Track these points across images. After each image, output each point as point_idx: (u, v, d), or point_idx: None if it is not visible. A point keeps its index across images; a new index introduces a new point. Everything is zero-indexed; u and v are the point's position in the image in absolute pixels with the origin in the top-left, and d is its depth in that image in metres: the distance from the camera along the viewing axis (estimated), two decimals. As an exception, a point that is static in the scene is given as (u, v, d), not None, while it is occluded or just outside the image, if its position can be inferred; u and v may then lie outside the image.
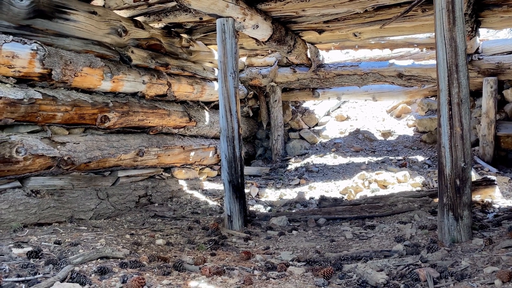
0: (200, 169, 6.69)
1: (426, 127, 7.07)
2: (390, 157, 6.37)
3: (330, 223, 4.39)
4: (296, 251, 3.40)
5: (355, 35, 5.99)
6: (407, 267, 2.74)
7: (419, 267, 2.70)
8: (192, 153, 6.26)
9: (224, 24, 4.28)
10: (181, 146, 5.97)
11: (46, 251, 2.91)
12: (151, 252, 3.23)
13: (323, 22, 5.32)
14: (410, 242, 3.32)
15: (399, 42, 6.59)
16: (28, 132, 4.00)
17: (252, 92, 7.73)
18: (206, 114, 6.57)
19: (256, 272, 2.86)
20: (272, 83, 7.48)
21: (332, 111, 8.56)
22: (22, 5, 3.77)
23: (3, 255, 2.76)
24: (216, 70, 6.81)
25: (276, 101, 7.59)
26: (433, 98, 7.20)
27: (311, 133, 7.67)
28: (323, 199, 4.81)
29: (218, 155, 6.84)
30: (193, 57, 6.31)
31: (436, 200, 4.56)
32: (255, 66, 7.58)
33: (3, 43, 3.60)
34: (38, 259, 2.74)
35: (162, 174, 5.79)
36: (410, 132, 7.36)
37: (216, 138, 6.85)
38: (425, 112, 7.25)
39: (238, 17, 4.39)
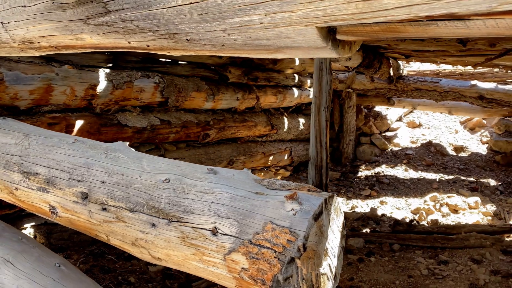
0: (275, 170, 7.23)
1: (501, 148, 7.10)
2: (462, 177, 6.54)
3: (404, 249, 4.81)
4: (377, 285, 3.88)
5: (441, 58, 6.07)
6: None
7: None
8: (271, 157, 6.78)
9: (322, 63, 4.60)
10: (263, 152, 6.49)
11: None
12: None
13: (412, 50, 5.47)
14: (484, 292, 3.69)
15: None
16: (146, 151, 4.65)
17: (327, 95, 8.00)
18: (285, 120, 7.00)
19: (347, 309, 3.38)
20: (349, 90, 7.71)
21: (404, 116, 8.67)
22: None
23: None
24: (297, 76, 7.18)
25: (350, 107, 7.84)
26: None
27: (382, 140, 7.90)
28: (397, 223, 5.20)
29: (292, 157, 7.33)
30: (277, 66, 6.69)
31: (509, 238, 4.83)
32: (332, 69, 7.78)
33: (135, 80, 4.19)
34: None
35: (244, 177, 6.36)
36: (483, 149, 7.41)
37: (291, 140, 7.31)
38: (502, 133, 7.25)
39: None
